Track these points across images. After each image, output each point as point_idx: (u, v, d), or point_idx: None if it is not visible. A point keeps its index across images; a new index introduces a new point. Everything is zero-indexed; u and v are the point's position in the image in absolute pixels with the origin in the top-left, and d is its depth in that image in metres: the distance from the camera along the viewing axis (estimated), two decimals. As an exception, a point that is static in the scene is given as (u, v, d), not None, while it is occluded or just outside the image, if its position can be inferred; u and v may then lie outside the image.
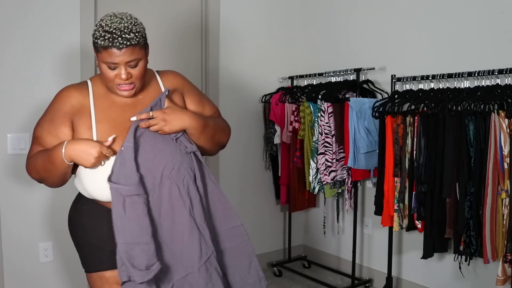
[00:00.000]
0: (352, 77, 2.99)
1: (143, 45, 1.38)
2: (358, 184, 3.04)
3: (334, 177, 2.88)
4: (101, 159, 1.36)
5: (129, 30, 1.33)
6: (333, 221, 3.42)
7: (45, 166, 1.39)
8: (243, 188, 3.31)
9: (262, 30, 3.39)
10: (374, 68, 2.92)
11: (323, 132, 2.84)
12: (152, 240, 1.37)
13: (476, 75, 2.32)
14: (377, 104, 2.64)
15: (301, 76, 3.33)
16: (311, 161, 2.91)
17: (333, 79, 3.15)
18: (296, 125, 3.10)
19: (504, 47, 2.37)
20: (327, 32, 3.42)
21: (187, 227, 1.42)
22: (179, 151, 1.45)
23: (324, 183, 2.89)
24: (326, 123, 2.83)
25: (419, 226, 2.46)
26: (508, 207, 2.08)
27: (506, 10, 2.36)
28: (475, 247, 2.22)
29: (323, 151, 2.85)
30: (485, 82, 2.34)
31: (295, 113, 3.12)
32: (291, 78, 3.41)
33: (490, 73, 2.26)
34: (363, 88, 2.96)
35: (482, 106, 2.18)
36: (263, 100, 3.41)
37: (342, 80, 3.07)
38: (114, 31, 1.31)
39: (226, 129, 1.65)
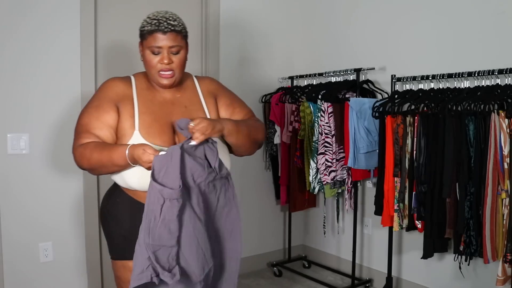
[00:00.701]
0: (352, 77, 2.99)
1: (184, 36, 1.50)
2: (358, 184, 3.04)
3: (334, 177, 2.88)
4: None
5: (173, 19, 1.47)
6: (333, 221, 3.42)
7: (103, 163, 1.41)
8: (243, 188, 3.31)
9: (262, 30, 3.38)
10: (374, 68, 2.92)
11: (323, 132, 2.84)
12: (177, 244, 1.39)
13: (476, 75, 2.32)
14: (377, 104, 2.64)
15: (301, 76, 3.33)
16: (311, 161, 2.91)
17: (333, 79, 3.15)
18: (296, 125, 3.10)
19: (505, 47, 2.37)
20: (327, 32, 3.43)
21: (202, 238, 1.44)
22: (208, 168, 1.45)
23: (324, 183, 2.89)
24: (326, 123, 2.83)
25: (419, 226, 2.46)
26: (508, 207, 2.08)
27: (507, 10, 2.36)
28: (475, 247, 2.22)
29: (323, 151, 2.85)
30: (485, 82, 2.34)
31: (295, 113, 3.12)
32: (291, 78, 3.41)
33: (490, 73, 2.26)
34: (363, 88, 2.96)
35: (482, 106, 2.18)
36: (263, 100, 3.41)
37: (342, 80, 3.07)
38: (160, 18, 1.45)
39: (259, 126, 1.68)
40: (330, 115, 2.83)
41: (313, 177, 2.92)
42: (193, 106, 1.56)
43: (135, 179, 1.45)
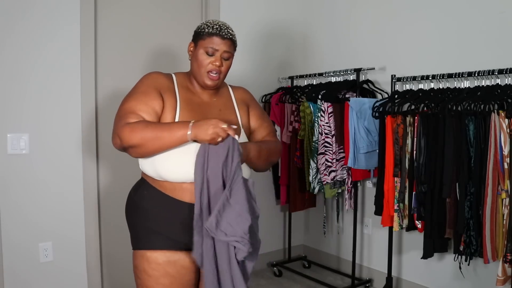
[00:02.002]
0: (352, 77, 2.99)
1: (235, 47, 1.62)
2: (358, 184, 3.04)
3: (334, 177, 2.88)
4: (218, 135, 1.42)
5: (231, 29, 1.60)
6: (333, 221, 3.42)
7: (158, 135, 1.42)
8: (243, 188, 3.31)
9: (262, 30, 3.38)
10: (374, 68, 2.92)
11: (323, 132, 2.84)
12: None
13: (476, 75, 2.32)
14: (377, 104, 2.64)
15: (301, 76, 3.33)
16: (311, 161, 2.91)
17: (333, 79, 3.15)
18: (296, 125, 3.10)
19: (505, 47, 2.37)
20: (327, 32, 3.43)
21: None
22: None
23: (324, 183, 2.89)
24: (326, 123, 2.83)
25: (419, 226, 2.46)
26: (508, 207, 2.08)
27: (506, 10, 2.36)
28: (475, 247, 2.22)
29: (323, 151, 2.85)
30: (485, 82, 2.34)
31: (295, 113, 3.12)
32: (291, 78, 3.40)
33: (490, 73, 2.26)
34: (363, 88, 2.96)
35: (482, 106, 2.18)
36: (263, 100, 3.41)
37: (342, 80, 3.07)
38: (221, 24, 1.57)
39: (277, 150, 1.77)
40: (330, 115, 2.83)
41: (313, 177, 2.92)
42: (226, 110, 1.65)
43: (170, 172, 1.49)
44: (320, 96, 2.85)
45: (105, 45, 2.70)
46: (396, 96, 2.64)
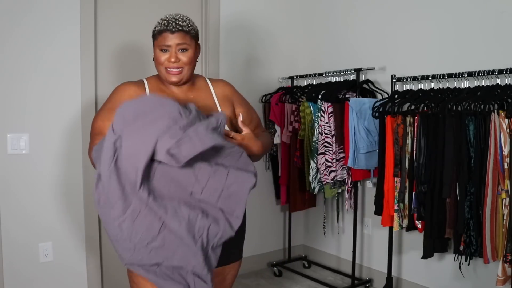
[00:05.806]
0: (352, 77, 2.99)
1: (193, 36, 1.57)
2: (358, 184, 3.04)
3: (334, 177, 2.88)
4: None
5: (182, 20, 1.55)
6: (333, 221, 3.42)
7: None
8: (243, 188, 3.30)
9: (262, 31, 3.38)
10: (374, 68, 2.92)
11: (323, 132, 2.84)
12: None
13: (476, 75, 2.32)
14: (377, 104, 2.64)
15: (301, 76, 3.33)
16: (311, 161, 2.91)
17: (333, 79, 3.15)
18: (296, 125, 3.10)
19: (504, 47, 2.37)
20: (327, 32, 3.42)
21: None
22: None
23: (324, 183, 2.89)
24: (326, 123, 2.83)
25: (419, 226, 2.46)
26: (508, 207, 2.08)
27: (506, 10, 2.36)
28: (475, 247, 2.22)
29: (323, 151, 2.85)
30: (485, 82, 2.34)
31: (295, 113, 3.11)
32: (291, 78, 3.41)
33: (490, 73, 2.26)
34: (363, 88, 2.96)
35: (482, 106, 2.18)
36: (263, 100, 3.41)
37: (342, 80, 3.07)
38: (169, 19, 1.54)
39: (270, 140, 1.78)
40: (330, 115, 2.83)
41: (313, 177, 2.92)
42: (206, 107, 1.60)
43: None
44: (320, 96, 2.85)
45: (105, 46, 2.70)
46: (396, 96, 2.64)
